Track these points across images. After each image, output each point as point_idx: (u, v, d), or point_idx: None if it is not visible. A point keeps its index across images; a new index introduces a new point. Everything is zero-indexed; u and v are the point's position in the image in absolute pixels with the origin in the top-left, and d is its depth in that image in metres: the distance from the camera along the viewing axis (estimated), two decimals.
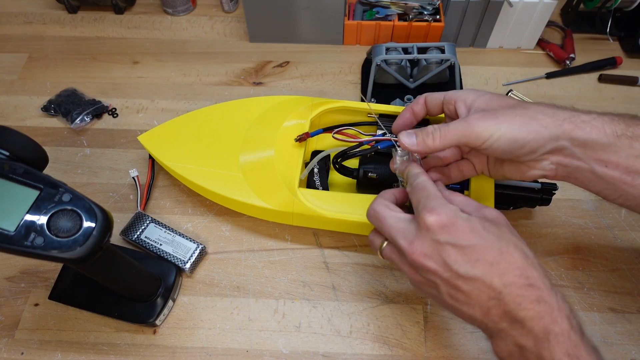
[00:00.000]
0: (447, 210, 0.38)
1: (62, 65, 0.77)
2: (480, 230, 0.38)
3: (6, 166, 0.38)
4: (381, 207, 0.42)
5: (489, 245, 0.37)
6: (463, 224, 0.38)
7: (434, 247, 0.38)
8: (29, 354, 0.53)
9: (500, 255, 0.37)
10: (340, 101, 0.61)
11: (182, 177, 0.59)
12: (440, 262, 0.38)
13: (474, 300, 0.38)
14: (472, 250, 0.37)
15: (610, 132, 0.41)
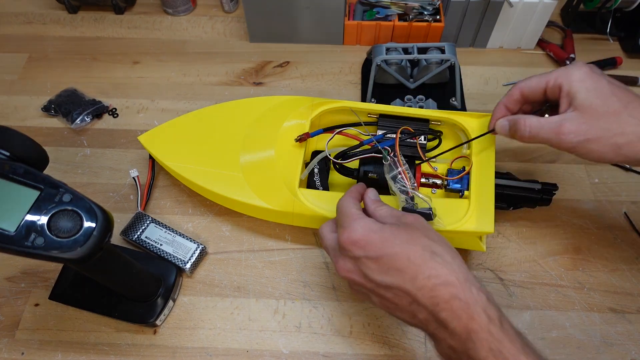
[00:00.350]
0: (357, 226, 0.41)
1: (62, 65, 0.77)
2: (391, 240, 0.40)
3: (6, 166, 0.39)
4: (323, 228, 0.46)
5: (398, 253, 0.39)
6: (374, 237, 0.40)
7: (353, 262, 0.41)
8: (29, 354, 0.53)
9: (408, 261, 0.38)
10: (340, 101, 0.61)
11: (182, 177, 0.59)
12: (361, 274, 0.41)
13: (399, 306, 0.40)
14: (383, 260, 0.39)
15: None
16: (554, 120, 0.44)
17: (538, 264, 0.58)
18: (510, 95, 0.48)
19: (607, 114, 0.42)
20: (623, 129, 0.42)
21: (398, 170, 0.49)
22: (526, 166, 0.66)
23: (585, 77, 0.43)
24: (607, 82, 0.43)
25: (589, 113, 0.42)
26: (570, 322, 0.54)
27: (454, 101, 0.70)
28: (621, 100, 0.42)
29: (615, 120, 0.42)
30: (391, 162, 0.50)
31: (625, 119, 0.42)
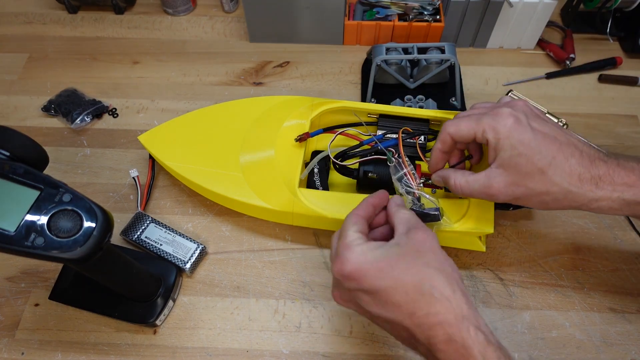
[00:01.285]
0: (349, 257, 0.38)
1: (62, 65, 0.77)
2: (388, 270, 0.37)
3: (6, 166, 0.39)
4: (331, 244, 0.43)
5: (394, 286, 0.37)
6: (369, 268, 0.38)
7: (347, 293, 0.40)
8: (29, 354, 0.53)
9: (406, 295, 0.37)
10: (340, 101, 0.61)
11: (182, 177, 0.59)
12: (357, 305, 0.40)
13: (399, 336, 0.39)
14: (379, 295, 0.37)
15: None
16: (481, 181, 0.43)
17: (538, 264, 0.58)
18: (443, 141, 0.46)
19: (531, 172, 0.41)
20: (547, 189, 0.42)
21: (404, 172, 0.49)
22: None
23: (510, 132, 0.41)
24: (532, 136, 0.41)
25: (514, 171, 0.42)
26: (570, 322, 0.54)
27: (454, 101, 0.70)
28: (546, 156, 0.41)
29: (540, 180, 0.41)
30: (396, 163, 0.49)
31: (549, 177, 0.41)
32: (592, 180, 0.41)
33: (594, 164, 0.42)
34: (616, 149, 0.67)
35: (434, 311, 0.36)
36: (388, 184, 0.57)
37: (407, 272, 0.37)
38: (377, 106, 0.61)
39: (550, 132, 0.42)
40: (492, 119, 0.42)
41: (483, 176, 0.44)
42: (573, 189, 0.41)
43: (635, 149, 0.67)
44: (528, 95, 0.72)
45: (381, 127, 0.61)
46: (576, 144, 0.42)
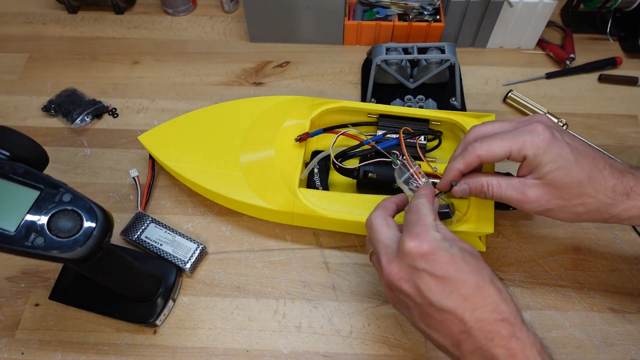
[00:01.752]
0: (430, 238, 0.38)
1: (62, 65, 0.77)
2: (460, 262, 0.38)
3: (6, 166, 0.38)
4: (378, 219, 0.43)
5: (465, 279, 0.37)
6: (443, 254, 0.37)
7: (410, 271, 0.38)
8: (29, 354, 0.53)
9: (476, 290, 0.37)
10: (340, 101, 0.61)
11: (182, 177, 0.59)
12: (415, 287, 0.38)
13: (444, 330, 0.38)
14: (447, 282, 0.37)
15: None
16: (516, 187, 0.44)
17: (538, 264, 0.58)
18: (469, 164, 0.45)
19: (570, 185, 0.42)
20: (583, 200, 0.43)
21: (410, 172, 0.49)
22: None
23: (549, 146, 0.42)
24: (570, 151, 0.42)
25: (552, 185, 0.42)
26: (570, 322, 0.54)
27: (453, 101, 0.70)
28: (584, 169, 0.42)
29: (577, 192, 0.42)
30: (401, 165, 0.49)
31: (586, 190, 0.42)
32: (624, 191, 0.43)
33: (624, 175, 0.43)
34: (616, 149, 0.67)
35: (500, 309, 0.37)
36: (388, 184, 0.57)
37: (477, 270, 0.38)
38: (377, 106, 0.61)
39: (581, 146, 0.44)
40: (530, 135, 0.42)
41: (518, 183, 0.44)
42: (608, 200, 0.42)
43: (635, 149, 0.67)
44: (528, 95, 0.72)
45: (381, 127, 0.61)
46: (605, 158, 0.44)
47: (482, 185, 0.45)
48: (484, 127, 0.46)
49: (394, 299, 0.41)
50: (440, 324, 0.38)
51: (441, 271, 0.37)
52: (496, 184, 0.45)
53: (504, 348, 0.36)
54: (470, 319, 0.36)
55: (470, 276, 0.37)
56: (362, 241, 0.60)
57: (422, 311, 0.39)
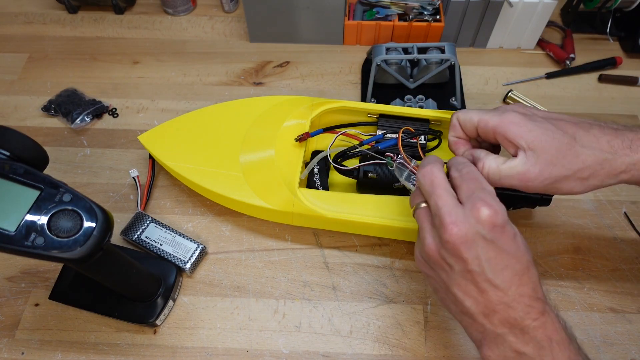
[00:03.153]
0: (503, 211, 0.38)
1: (62, 65, 0.77)
2: (519, 241, 0.38)
3: (7, 166, 0.39)
4: (440, 173, 0.40)
5: (521, 257, 0.38)
6: (510, 229, 0.38)
7: (476, 238, 0.37)
8: (29, 354, 0.53)
9: (526, 269, 0.38)
10: (340, 101, 0.61)
11: (182, 177, 0.59)
12: (475, 254, 0.37)
13: (482, 298, 0.38)
14: (505, 256, 0.37)
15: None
16: (514, 167, 0.42)
17: (538, 264, 0.58)
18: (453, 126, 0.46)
19: (561, 150, 0.41)
20: (583, 161, 0.41)
21: (410, 168, 0.48)
22: None
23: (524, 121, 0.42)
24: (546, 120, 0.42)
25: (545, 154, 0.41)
26: (570, 322, 0.54)
27: (453, 101, 0.70)
28: (567, 131, 0.41)
29: (572, 155, 0.41)
30: (397, 164, 0.49)
31: (580, 150, 0.41)
32: (623, 144, 0.41)
33: (619, 132, 0.42)
34: None
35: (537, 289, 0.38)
36: (388, 184, 0.57)
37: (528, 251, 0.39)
38: (377, 106, 0.61)
39: (558, 116, 0.43)
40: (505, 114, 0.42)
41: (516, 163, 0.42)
42: (607, 155, 0.41)
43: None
44: (528, 95, 0.72)
45: (381, 127, 0.61)
46: (591, 122, 0.43)
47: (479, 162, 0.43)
48: None
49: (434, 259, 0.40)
50: (481, 293, 0.38)
51: (505, 245, 0.37)
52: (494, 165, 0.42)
53: (536, 321, 0.37)
54: (515, 293, 0.37)
55: (525, 255, 0.38)
56: (362, 241, 0.60)
57: (468, 277, 0.38)
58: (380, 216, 0.54)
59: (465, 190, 0.39)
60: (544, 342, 0.37)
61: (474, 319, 0.39)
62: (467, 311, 0.39)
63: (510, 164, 0.42)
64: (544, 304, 0.38)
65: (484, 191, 0.38)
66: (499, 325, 0.38)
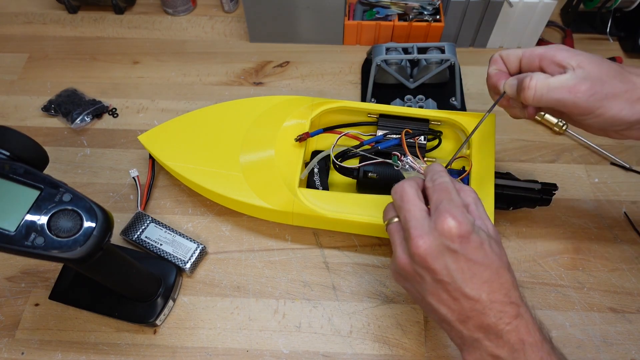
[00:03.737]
0: (467, 220, 0.38)
1: (62, 65, 0.77)
2: (487, 248, 0.39)
3: (6, 166, 0.39)
4: (411, 189, 0.42)
5: (489, 264, 0.38)
6: (476, 239, 0.38)
7: (442, 250, 0.38)
8: (29, 354, 0.53)
9: (496, 275, 0.38)
10: (340, 101, 0.61)
11: (182, 177, 0.59)
12: (442, 265, 0.38)
13: (456, 306, 0.39)
14: (473, 265, 0.38)
15: None
16: (565, 80, 0.41)
17: (538, 264, 0.58)
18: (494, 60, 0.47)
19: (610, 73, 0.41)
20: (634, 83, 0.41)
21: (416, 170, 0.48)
22: (526, 166, 0.66)
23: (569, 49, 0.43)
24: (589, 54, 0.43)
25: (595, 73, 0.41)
26: (570, 322, 0.54)
27: (453, 101, 0.70)
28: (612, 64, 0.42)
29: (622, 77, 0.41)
30: (402, 165, 0.48)
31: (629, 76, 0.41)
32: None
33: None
34: (616, 149, 0.67)
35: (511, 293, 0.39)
36: (388, 184, 0.56)
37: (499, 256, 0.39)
38: (377, 106, 0.61)
39: None
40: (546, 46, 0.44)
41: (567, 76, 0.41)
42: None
43: (635, 149, 0.67)
44: None
45: (381, 127, 0.61)
46: None
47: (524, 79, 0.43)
48: None
49: (407, 271, 0.41)
50: (454, 301, 0.39)
51: (472, 254, 0.38)
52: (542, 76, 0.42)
53: (509, 325, 0.38)
54: (486, 300, 0.38)
55: (493, 262, 0.38)
56: (362, 241, 0.60)
57: (440, 287, 0.39)
58: (380, 216, 0.53)
59: (435, 201, 0.40)
60: (517, 345, 0.38)
61: (451, 326, 0.40)
62: (444, 318, 0.40)
63: (560, 78, 0.42)
64: (518, 307, 0.38)
65: (451, 202, 0.39)
66: (475, 330, 0.39)
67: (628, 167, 0.65)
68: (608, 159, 0.66)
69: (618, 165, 0.66)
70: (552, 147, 0.68)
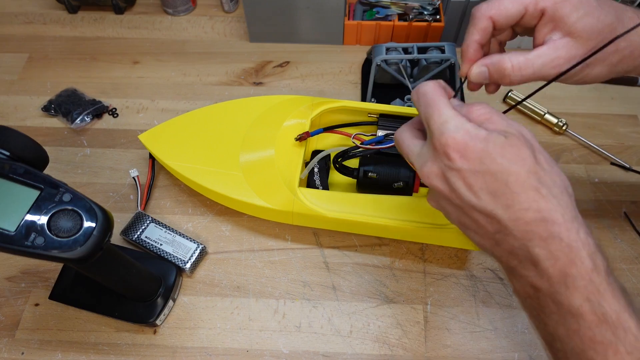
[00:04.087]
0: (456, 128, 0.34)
1: (62, 65, 0.77)
2: (493, 154, 0.33)
3: (6, 166, 0.39)
4: (404, 133, 0.40)
5: (496, 172, 0.33)
6: (475, 146, 0.33)
7: (443, 171, 0.35)
8: (29, 354, 0.53)
9: (506, 185, 0.33)
10: (340, 101, 0.61)
11: (182, 176, 0.59)
12: (448, 186, 0.35)
13: (481, 230, 0.35)
14: (477, 177, 0.34)
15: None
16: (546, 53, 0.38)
17: None
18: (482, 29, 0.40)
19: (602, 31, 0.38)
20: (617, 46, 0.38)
21: None
22: None
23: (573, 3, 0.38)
24: None
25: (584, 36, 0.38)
26: None
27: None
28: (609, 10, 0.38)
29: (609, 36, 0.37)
30: None
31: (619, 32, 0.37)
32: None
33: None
34: (616, 149, 0.67)
35: (537, 207, 0.32)
36: (388, 184, 0.57)
37: (513, 160, 0.33)
38: (377, 106, 0.61)
39: None
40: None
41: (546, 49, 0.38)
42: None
43: (635, 149, 0.67)
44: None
45: (381, 127, 0.61)
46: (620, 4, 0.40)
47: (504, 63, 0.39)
48: None
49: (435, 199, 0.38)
50: (476, 224, 0.35)
51: (470, 166, 0.33)
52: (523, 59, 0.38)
53: (544, 249, 0.32)
54: (504, 217, 0.33)
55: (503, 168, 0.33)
56: (362, 241, 0.60)
57: (460, 211, 0.36)
58: (380, 216, 0.54)
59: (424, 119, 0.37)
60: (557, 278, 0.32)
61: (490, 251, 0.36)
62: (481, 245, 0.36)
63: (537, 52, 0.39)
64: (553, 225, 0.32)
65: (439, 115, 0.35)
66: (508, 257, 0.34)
67: (628, 167, 0.65)
68: (608, 159, 0.66)
69: (618, 165, 0.66)
70: (552, 147, 0.68)
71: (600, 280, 0.32)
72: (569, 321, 0.32)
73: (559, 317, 0.33)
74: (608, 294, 0.32)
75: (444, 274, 0.57)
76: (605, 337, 0.31)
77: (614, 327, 0.31)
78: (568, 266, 0.32)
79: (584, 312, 0.32)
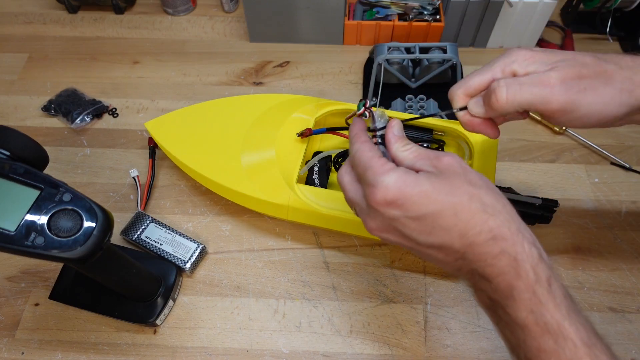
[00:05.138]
0: (389, 181, 0.34)
1: (62, 65, 0.77)
2: (431, 194, 0.34)
3: (7, 166, 0.39)
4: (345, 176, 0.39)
5: (441, 209, 0.34)
6: (411, 193, 0.34)
7: (387, 222, 0.35)
8: (29, 354, 0.53)
9: (455, 217, 0.34)
10: (346, 103, 0.61)
11: (182, 164, 0.59)
12: (399, 234, 0.36)
13: (444, 261, 0.36)
14: (425, 220, 0.34)
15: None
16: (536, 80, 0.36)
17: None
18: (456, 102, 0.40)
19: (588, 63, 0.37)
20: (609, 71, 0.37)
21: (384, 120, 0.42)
22: (526, 166, 0.66)
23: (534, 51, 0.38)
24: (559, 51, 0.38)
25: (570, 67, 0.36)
26: None
27: None
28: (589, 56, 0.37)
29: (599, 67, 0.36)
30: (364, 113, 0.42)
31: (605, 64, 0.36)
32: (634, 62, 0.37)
33: None
34: (616, 149, 0.67)
35: (488, 227, 0.33)
36: None
37: (452, 193, 0.34)
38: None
39: None
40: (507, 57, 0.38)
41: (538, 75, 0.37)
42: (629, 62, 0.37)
43: (635, 149, 0.67)
44: None
45: None
46: None
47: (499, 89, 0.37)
48: None
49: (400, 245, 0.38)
50: (436, 257, 0.36)
51: (416, 212, 0.34)
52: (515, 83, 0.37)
53: (495, 267, 0.33)
54: (460, 246, 0.34)
55: (446, 205, 0.34)
56: (362, 241, 0.60)
57: (419, 251, 0.37)
58: None
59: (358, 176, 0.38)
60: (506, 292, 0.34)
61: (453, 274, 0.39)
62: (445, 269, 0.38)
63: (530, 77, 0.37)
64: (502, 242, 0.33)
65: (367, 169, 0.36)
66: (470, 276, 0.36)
67: (628, 167, 0.65)
68: (608, 159, 0.66)
69: (618, 165, 0.66)
70: (552, 147, 0.68)
71: (542, 291, 0.33)
72: (517, 332, 0.34)
73: (512, 327, 0.34)
74: (550, 304, 0.33)
75: (444, 274, 0.57)
76: (549, 345, 0.33)
77: (555, 336, 0.33)
78: (514, 279, 0.33)
79: (528, 323, 0.33)
